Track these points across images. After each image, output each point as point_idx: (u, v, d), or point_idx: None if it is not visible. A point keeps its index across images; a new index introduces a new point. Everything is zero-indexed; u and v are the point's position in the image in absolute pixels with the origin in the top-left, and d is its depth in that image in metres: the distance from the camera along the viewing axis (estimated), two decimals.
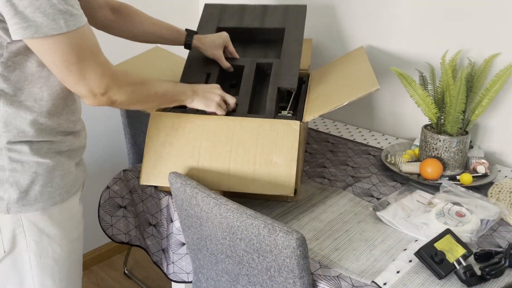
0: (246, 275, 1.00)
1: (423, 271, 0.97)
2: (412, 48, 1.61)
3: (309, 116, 1.18)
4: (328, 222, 1.15)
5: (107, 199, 1.37)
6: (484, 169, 1.34)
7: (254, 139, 1.16)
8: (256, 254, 0.93)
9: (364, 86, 1.15)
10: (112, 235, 1.40)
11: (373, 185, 1.33)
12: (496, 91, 1.34)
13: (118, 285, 2.10)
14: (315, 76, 1.57)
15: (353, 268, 0.98)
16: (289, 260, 0.88)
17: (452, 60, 1.42)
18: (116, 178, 1.36)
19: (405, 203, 1.20)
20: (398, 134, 1.73)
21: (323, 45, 1.86)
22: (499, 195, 1.24)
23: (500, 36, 1.41)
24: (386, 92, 1.72)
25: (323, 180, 1.36)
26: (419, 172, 1.35)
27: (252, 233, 0.90)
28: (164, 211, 1.26)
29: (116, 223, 1.40)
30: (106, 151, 2.09)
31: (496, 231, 1.11)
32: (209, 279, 1.13)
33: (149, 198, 1.29)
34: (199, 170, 1.16)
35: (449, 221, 1.08)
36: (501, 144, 1.49)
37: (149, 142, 1.19)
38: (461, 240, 1.01)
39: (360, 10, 1.70)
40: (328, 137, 1.67)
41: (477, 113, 1.37)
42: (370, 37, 1.70)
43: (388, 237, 1.09)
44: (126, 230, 1.40)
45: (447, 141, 1.33)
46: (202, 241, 1.06)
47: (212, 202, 0.96)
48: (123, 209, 1.38)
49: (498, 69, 1.38)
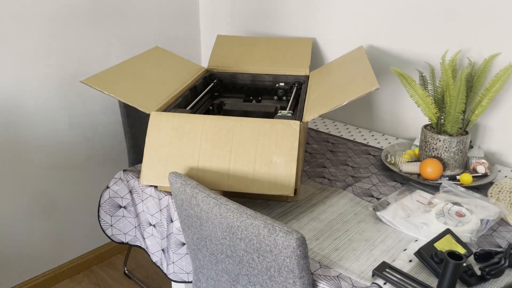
0: (246, 275, 1.00)
1: (423, 271, 0.97)
2: (412, 48, 1.61)
3: (309, 116, 1.18)
4: (328, 222, 1.15)
5: (107, 199, 1.37)
6: (484, 169, 1.34)
7: (254, 139, 1.16)
8: (256, 254, 0.93)
9: (363, 86, 1.15)
10: (112, 235, 1.40)
11: (373, 185, 1.33)
12: (496, 91, 1.34)
13: (118, 285, 2.10)
14: (315, 76, 1.57)
15: (353, 268, 0.98)
16: (289, 260, 0.88)
17: (452, 60, 1.42)
18: (116, 178, 1.36)
19: (405, 203, 1.20)
20: (398, 134, 1.73)
21: (323, 45, 1.86)
22: (499, 195, 1.24)
23: (500, 36, 1.41)
24: (386, 92, 1.72)
25: (323, 180, 1.36)
26: (419, 172, 1.35)
27: (252, 233, 0.90)
28: (164, 211, 1.26)
29: (116, 223, 1.40)
30: (106, 151, 2.09)
31: (496, 231, 1.11)
32: (209, 279, 1.13)
33: (149, 198, 1.29)
34: (199, 170, 1.16)
35: (449, 221, 1.08)
36: (501, 144, 1.49)
37: (149, 142, 1.19)
38: (461, 240, 1.01)
39: (360, 10, 1.70)
40: (328, 137, 1.67)
41: (477, 113, 1.37)
42: (370, 37, 1.70)
43: (388, 237, 1.09)
44: (125, 230, 1.40)
45: (447, 141, 1.33)
46: (202, 241, 1.06)
47: (212, 202, 0.96)
48: (123, 209, 1.38)
49: (498, 69, 1.39)
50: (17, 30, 1.69)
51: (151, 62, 1.55)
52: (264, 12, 2.00)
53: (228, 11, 2.15)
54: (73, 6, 1.81)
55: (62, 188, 1.98)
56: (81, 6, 1.83)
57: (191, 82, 1.55)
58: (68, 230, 2.07)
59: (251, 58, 1.77)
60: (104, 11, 1.91)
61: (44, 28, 1.76)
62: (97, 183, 2.10)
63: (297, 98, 1.55)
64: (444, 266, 0.85)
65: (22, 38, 1.71)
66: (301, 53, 1.76)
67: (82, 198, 2.07)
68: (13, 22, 1.68)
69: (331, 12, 1.79)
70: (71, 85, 1.90)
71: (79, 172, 2.02)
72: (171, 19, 2.17)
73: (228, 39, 1.89)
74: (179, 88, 1.46)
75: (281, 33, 1.97)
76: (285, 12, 1.93)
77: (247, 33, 2.10)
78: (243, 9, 2.08)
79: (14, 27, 1.68)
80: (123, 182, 1.36)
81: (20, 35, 1.71)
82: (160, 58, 1.61)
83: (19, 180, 1.84)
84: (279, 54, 1.78)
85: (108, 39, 1.96)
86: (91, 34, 1.90)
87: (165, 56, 1.65)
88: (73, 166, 1.99)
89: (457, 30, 1.49)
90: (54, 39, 1.79)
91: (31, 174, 1.87)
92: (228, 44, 1.86)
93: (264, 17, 2.00)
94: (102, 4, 1.90)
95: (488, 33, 1.43)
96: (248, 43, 1.86)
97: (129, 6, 1.99)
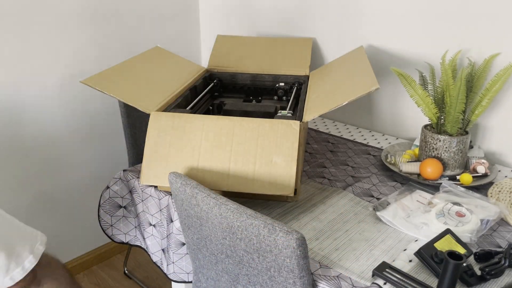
0: (246, 275, 1.00)
1: (423, 271, 0.97)
2: (412, 48, 1.61)
3: (309, 116, 1.18)
4: (328, 222, 1.15)
5: (107, 199, 1.37)
6: (484, 169, 1.34)
7: (254, 139, 1.16)
8: (256, 254, 0.93)
9: (363, 86, 1.15)
10: (112, 235, 1.40)
11: (373, 185, 1.33)
12: (496, 91, 1.34)
13: (118, 285, 2.09)
14: (314, 76, 1.57)
15: (353, 268, 0.98)
16: (289, 260, 0.88)
17: (452, 60, 1.42)
18: (116, 178, 1.36)
19: (405, 203, 1.20)
20: (398, 134, 1.73)
21: (323, 45, 1.86)
22: (499, 195, 1.24)
23: (500, 36, 1.41)
24: (386, 92, 1.72)
25: (323, 180, 1.36)
26: (419, 172, 1.35)
27: (252, 233, 0.90)
28: (164, 211, 1.26)
29: (116, 223, 1.40)
30: (106, 151, 2.09)
31: (496, 231, 1.11)
32: (209, 279, 1.13)
33: (149, 198, 1.29)
34: (199, 170, 1.16)
35: (449, 221, 1.08)
36: (501, 144, 1.49)
37: (149, 142, 1.19)
38: (461, 240, 1.01)
39: (360, 10, 1.70)
40: (328, 137, 1.67)
41: (477, 113, 1.36)
42: (370, 37, 1.70)
43: (388, 237, 1.09)
44: (126, 230, 1.40)
45: (447, 141, 1.33)
46: (202, 241, 1.06)
47: (212, 202, 0.96)
48: (123, 209, 1.38)
49: (498, 69, 1.38)
50: (18, 30, 1.69)
51: (151, 62, 1.55)
52: (264, 12, 2.00)
53: (228, 11, 2.15)
54: (74, 6, 1.81)
55: (62, 188, 1.98)
56: (81, 6, 1.83)
57: (191, 82, 1.55)
58: (68, 230, 2.07)
59: (251, 58, 1.77)
60: (104, 11, 1.91)
61: (45, 28, 1.76)
62: (97, 183, 2.10)
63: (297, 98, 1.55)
64: (444, 266, 0.85)
65: (23, 38, 1.71)
66: (301, 53, 1.76)
67: (82, 198, 2.07)
68: (14, 22, 1.68)
69: (331, 12, 1.79)
70: (71, 85, 1.90)
71: (79, 172, 2.02)
72: (171, 19, 2.17)
73: (228, 39, 1.89)
74: (179, 88, 1.46)
75: (281, 33, 1.97)
76: (285, 12, 1.92)
77: (247, 33, 2.10)
78: (243, 9, 2.08)
79: (14, 27, 1.68)
80: (123, 182, 1.36)
81: (20, 35, 1.71)
82: (160, 58, 1.61)
83: (19, 180, 1.84)
84: (279, 54, 1.78)
85: (108, 39, 1.96)
86: (91, 34, 1.90)
87: (165, 56, 1.65)
88: (73, 166, 1.99)
89: (457, 30, 1.49)
90: (54, 38, 1.79)
91: (31, 174, 1.87)
92: (228, 44, 1.86)
93: (264, 17, 2.00)
94: (102, 4, 1.89)
95: (488, 33, 1.43)
96: (248, 43, 1.86)
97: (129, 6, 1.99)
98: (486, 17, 1.42)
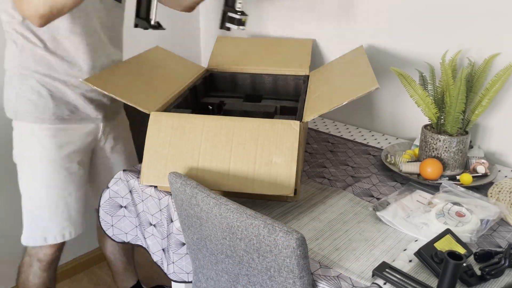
0: (246, 275, 1.00)
1: (423, 271, 0.97)
2: (412, 48, 1.61)
3: (309, 116, 1.18)
4: (328, 222, 1.15)
5: (107, 199, 1.37)
6: (484, 169, 1.34)
7: (254, 139, 1.16)
8: (256, 254, 0.93)
9: (363, 85, 1.15)
10: (113, 235, 1.40)
11: (373, 185, 1.33)
12: (496, 91, 1.34)
13: None
14: (315, 76, 1.57)
15: (353, 268, 0.98)
16: (289, 260, 0.88)
17: (452, 60, 1.42)
18: (116, 178, 1.36)
19: (405, 203, 1.20)
20: (398, 134, 1.73)
21: (323, 45, 1.86)
22: (499, 195, 1.24)
23: (500, 36, 1.41)
24: (386, 92, 1.72)
25: (323, 180, 1.36)
26: (419, 172, 1.35)
27: (252, 233, 0.90)
28: (164, 211, 1.26)
29: (117, 223, 1.40)
30: None
31: (496, 231, 1.12)
32: (209, 279, 1.13)
33: (149, 198, 1.29)
34: (199, 170, 1.16)
35: (449, 221, 1.08)
36: (501, 144, 1.49)
37: (149, 142, 1.20)
38: (461, 240, 1.01)
39: (360, 10, 1.70)
40: (328, 137, 1.67)
41: (477, 113, 1.37)
42: (370, 37, 1.70)
43: (388, 237, 1.09)
44: (127, 229, 1.41)
45: (447, 141, 1.33)
46: (202, 241, 1.06)
47: (212, 202, 0.96)
48: (124, 209, 1.38)
49: (498, 69, 1.38)
50: None
51: (151, 62, 1.55)
52: (264, 13, 2.00)
53: None
54: None
55: None
56: None
57: (191, 82, 1.55)
58: None
59: (251, 58, 1.77)
60: None
61: None
62: None
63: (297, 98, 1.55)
64: (444, 266, 0.85)
65: None
66: (301, 53, 1.76)
67: None
68: None
69: (331, 12, 1.79)
70: None
71: None
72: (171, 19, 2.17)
73: (228, 40, 1.89)
74: (179, 88, 1.46)
75: (281, 34, 1.97)
76: (285, 12, 1.92)
77: (247, 34, 2.10)
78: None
79: None
80: (123, 182, 1.36)
81: None
82: (160, 58, 1.61)
83: None
84: (279, 54, 1.78)
85: None
86: None
87: (165, 56, 1.65)
88: None
89: (457, 30, 1.49)
90: None
91: None
92: (228, 45, 1.86)
93: (264, 18, 2.00)
94: None
95: (488, 33, 1.43)
96: (248, 44, 1.86)
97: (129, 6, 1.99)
98: (486, 17, 1.42)
